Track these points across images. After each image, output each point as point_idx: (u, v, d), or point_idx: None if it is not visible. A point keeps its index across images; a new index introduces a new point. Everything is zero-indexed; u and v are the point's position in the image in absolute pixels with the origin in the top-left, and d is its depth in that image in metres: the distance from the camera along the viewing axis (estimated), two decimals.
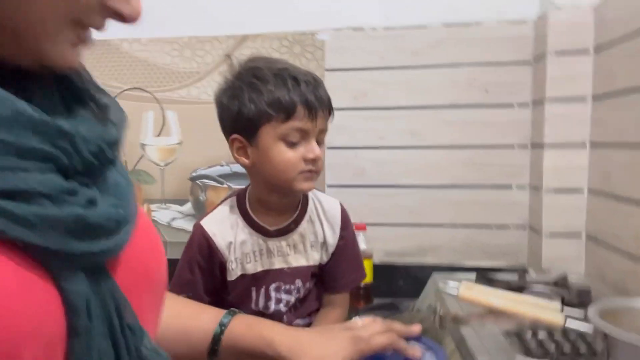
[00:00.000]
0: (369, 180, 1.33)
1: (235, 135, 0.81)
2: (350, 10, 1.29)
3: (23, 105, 0.31)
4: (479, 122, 1.28)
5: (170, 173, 1.41)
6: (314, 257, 0.89)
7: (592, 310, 0.65)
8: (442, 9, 1.27)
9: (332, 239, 0.89)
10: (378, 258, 1.31)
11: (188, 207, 1.41)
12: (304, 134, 0.78)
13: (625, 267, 0.97)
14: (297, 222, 0.87)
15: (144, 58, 1.39)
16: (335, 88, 1.30)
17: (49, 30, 0.33)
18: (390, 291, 1.32)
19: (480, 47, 1.26)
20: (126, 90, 1.40)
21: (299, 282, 0.88)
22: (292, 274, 0.87)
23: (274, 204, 0.85)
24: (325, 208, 0.91)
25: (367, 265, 1.32)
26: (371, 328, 0.64)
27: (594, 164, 1.12)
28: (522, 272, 1.07)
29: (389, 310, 1.26)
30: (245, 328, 0.63)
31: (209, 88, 1.36)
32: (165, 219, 1.41)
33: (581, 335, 0.73)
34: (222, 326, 0.62)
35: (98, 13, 0.35)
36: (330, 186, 1.33)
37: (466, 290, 0.79)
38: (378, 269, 1.30)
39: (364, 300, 1.29)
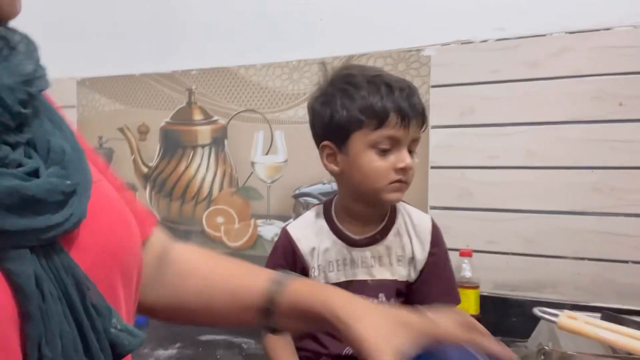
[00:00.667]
0: (476, 203, 1.22)
1: (325, 142, 0.80)
2: (459, 24, 1.23)
3: None
4: (611, 140, 1.11)
5: (275, 190, 1.46)
6: (400, 273, 0.84)
7: None
8: (565, 15, 1.14)
9: (421, 255, 0.84)
10: (486, 289, 1.19)
11: None
12: (396, 142, 0.76)
13: None
14: (383, 234, 0.84)
15: (257, 82, 1.47)
16: (441, 105, 1.25)
17: None
18: (499, 328, 1.17)
19: (611, 56, 1.10)
20: (241, 112, 1.50)
21: (382, 297, 0.83)
22: (375, 287, 0.82)
23: (361, 214, 0.83)
24: (414, 222, 0.86)
25: (473, 296, 1.20)
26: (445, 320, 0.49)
27: None
28: None
29: None
30: (304, 287, 0.50)
31: None
32: (269, 235, 1.45)
33: None
34: (279, 285, 0.50)
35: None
36: (433, 208, 1.25)
37: (568, 319, 0.66)
38: (486, 301, 1.18)
39: None
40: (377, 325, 0.44)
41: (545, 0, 1.16)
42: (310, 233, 0.84)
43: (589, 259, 1.13)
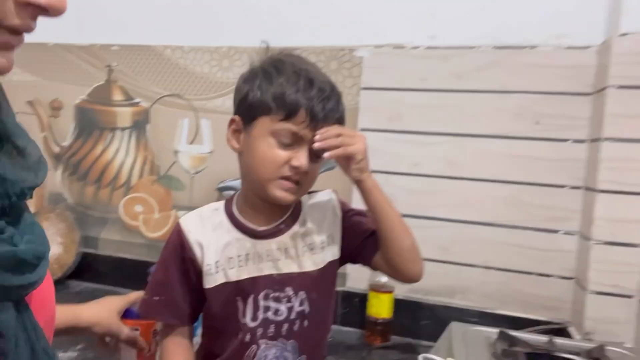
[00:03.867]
0: (398, 209, 1.23)
1: (235, 116, 0.76)
2: (393, 27, 1.22)
3: None
4: (526, 156, 1.15)
5: (199, 181, 1.40)
6: (314, 261, 0.79)
7: None
8: (494, 28, 1.16)
9: (338, 228, 0.80)
10: (400, 293, 1.22)
11: None
12: (298, 140, 0.71)
13: None
14: (288, 223, 0.79)
15: (184, 65, 1.39)
16: (370, 108, 1.24)
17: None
18: (410, 330, 1.22)
19: (534, 74, 1.13)
20: (165, 96, 1.41)
21: (289, 290, 0.78)
22: (281, 281, 0.77)
23: (261, 204, 0.77)
24: (319, 202, 0.82)
25: (387, 300, 1.23)
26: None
27: None
28: (557, 332, 0.94)
29: (406, 352, 1.16)
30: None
31: None
32: None
33: None
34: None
35: (16, 12, 0.36)
36: None
37: None
38: (399, 304, 1.21)
39: (380, 336, 1.20)
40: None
41: (477, 12, 1.16)
42: (205, 226, 0.77)
43: (497, 269, 1.18)
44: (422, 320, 1.22)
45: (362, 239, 0.79)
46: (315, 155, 0.73)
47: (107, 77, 1.46)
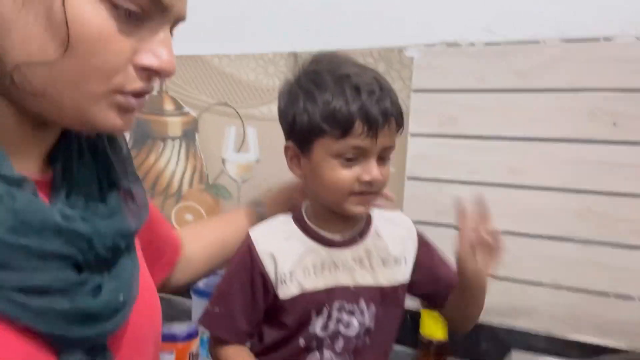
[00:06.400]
0: (454, 220, 1.14)
1: (289, 143, 0.73)
2: (446, 23, 1.12)
3: (51, 214, 0.37)
4: (603, 162, 1.01)
5: (246, 190, 1.38)
6: (386, 277, 0.76)
7: None
8: (561, 22, 1.03)
9: (412, 250, 0.78)
10: None
11: None
12: (362, 152, 0.67)
13: None
14: (362, 235, 0.76)
15: (231, 73, 1.37)
16: (421, 111, 1.15)
17: (92, 96, 0.38)
18: (469, 353, 1.12)
19: (610, 69, 0.99)
20: (213, 105, 1.41)
21: (362, 304, 0.74)
22: (356, 293, 0.73)
23: (333, 217, 0.74)
24: (394, 220, 0.80)
25: (443, 320, 1.13)
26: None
27: None
28: None
29: None
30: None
31: None
32: None
33: None
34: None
35: (133, 76, 0.39)
36: None
37: None
38: None
39: (434, 358, 1.11)
40: None
41: (540, 1, 1.04)
42: (276, 236, 0.74)
43: (569, 289, 1.05)
44: (481, 343, 1.11)
45: (443, 288, 0.78)
46: (381, 158, 0.69)
47: (160, 87, 1.48)
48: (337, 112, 0.65)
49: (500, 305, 1.10)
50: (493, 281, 1.10)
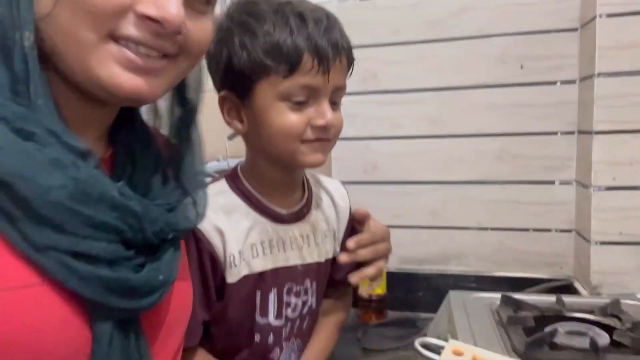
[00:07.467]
0: (381, 176, 1.15)
1: (225, 92, 0.62)
2: None
3: (110, 189, 0.39)
4: (513, 105, 1.06)
5: None
6: (326, 251, 0.70)
7: None
8: None
9: (343, 224, 0.73)
10: (393, 265, 1.13)
11: None
12: (313, 93, 0.59)
13: None
14: (307, 207, 0.68)
15: None
16: None
17: (86, 45, 0.37)
18: (407, 303, 1.14)
19: (514, 13, 1.03)
20: None
21: (307, 283, 0.68)
22: (303, 273, 0.67)
23: (280, 182, 0.65)
24: (329, 188, 0.74)
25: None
26: None
27: None
28: (561, 289, 0.87)
29: (405, 327, 1.09)
30: None
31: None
32: None
33: None
34: None
35: (130, 22, 0.37)
36: None
37: (452, 357, 0.58)
38: (393, 277, 1.12)
39: (375, 314, 1.12)
40: None
41: None
42: (216, 211, 0.61)
43: (493, 229, 1.10)
44: (418, 292, 1.14)
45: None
46: (333, 102, 0.61)
47: None
48: (282, 44, 0.56)
49: (432, 253, 1.14)
50: (423, 231, 1.14)
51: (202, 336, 0.63)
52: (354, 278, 0.67)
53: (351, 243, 0.66)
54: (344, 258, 0.66)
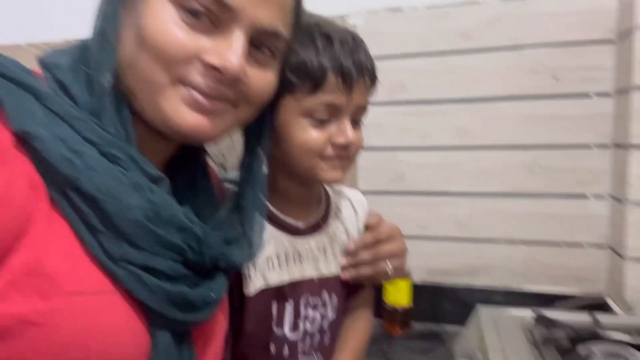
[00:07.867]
0: (408, 187, 1.14)
1: None
2: None
3: (178, 212, 0.44)
4: (546, 117, 1.04)
5: None
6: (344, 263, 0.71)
7: None
8: None
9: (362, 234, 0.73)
10: (419, 277, 1.12)
11: None
12: (336, 111, 0.60)
13: None
14: (325, 219, 0.70)
15: None
16: None
17: (159, 87, 0.42)
18: (433, 316, 1.13)
19: (548, 24, 1.02)
20: None
21: (325, 295, 0.69)
22: (320, 285, 0.68)
23: (298, 195, 0.67)
24: (350, 197, 0.75)
25: (405, 286, 1.14)
26: None
27: None
28: (593, 306, 0.84)
29: (431, 340, 1.07)
30: None
31: None
32: None
33: None
34: None
35: (196, 70, 0.42)
36: (362, 192, 1.16)
37: None
38: (419, 290, 1.10)
39: (401, 326, 1.11)
40: None
41: None
42: None
43: (522, 243, 1.08)
44: (444, 305, 1.13)
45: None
46: (354, 121, 0.63)
47: None
48: (308, 63, 0.58)
49: (459, 266, 1.12)
50: (450, 243, 1.13)
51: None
52: (345, 274, 0.68)
53: (351, 245, 0.68)
54: (343, 261, 0.68)
